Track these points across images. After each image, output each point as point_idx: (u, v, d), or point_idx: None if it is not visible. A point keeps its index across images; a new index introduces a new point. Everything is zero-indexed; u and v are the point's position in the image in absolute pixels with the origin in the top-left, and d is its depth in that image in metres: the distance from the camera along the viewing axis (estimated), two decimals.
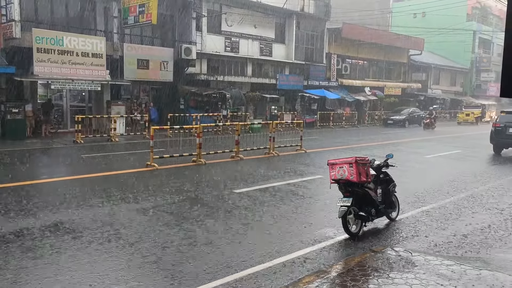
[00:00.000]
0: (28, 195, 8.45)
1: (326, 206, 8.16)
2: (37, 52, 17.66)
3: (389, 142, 20.02)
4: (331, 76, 32.26)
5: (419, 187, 10.20)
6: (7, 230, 6.31)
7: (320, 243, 6.18)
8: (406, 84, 39.52)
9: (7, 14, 16.88)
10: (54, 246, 5.73)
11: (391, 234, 6.78)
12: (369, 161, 6.82)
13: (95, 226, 6.63)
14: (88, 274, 4.90)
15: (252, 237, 6.34)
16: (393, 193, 7.32)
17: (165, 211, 7.60)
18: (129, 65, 21.07)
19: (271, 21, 28.70)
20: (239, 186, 9.71)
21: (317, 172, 11.63)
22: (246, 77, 27.25)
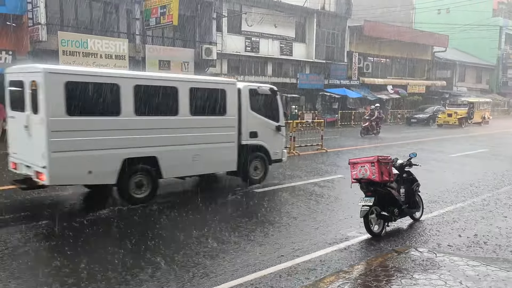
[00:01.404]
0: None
1: (348, 205, 8.08)
2: (62, 55, 18.04)
3: (413, 141, 19.68)
4: (352, 75, 31.91)
5: (444, 186, 10.00)
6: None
7: (341, 243, 6.13)
8: (430, 81, 38.76)
9: (33, 17, 17.29)
10: None
11: (414, 234, 6.67)
12: (392, 160, 6.72)
13: (119, 221, 6.73)
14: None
15: (272, 237, 6.33)
16: (416, 192, 7.20)
17: (179, 210, 7.66)
18: (151, 66, 21.31)
19: (292, 20, 28.58)
20: (259, 185, 9.70)
21: (338, 172, 11.53)
22: (266, 76, 27.20)
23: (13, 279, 4.77)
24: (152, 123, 7.92)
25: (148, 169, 7.92)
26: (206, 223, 6.87)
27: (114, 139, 7.44)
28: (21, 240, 5.98)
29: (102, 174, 7.45)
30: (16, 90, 7.70)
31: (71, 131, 7.02)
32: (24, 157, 7.55)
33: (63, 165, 6.97)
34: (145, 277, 4.88)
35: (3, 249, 5.61)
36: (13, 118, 7.97)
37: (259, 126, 9.80)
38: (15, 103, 7.89)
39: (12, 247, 5.69)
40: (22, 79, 7.52)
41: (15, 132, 7.87)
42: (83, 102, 7.14)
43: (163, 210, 7.62)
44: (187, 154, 8.43)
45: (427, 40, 36.78)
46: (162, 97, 8.07)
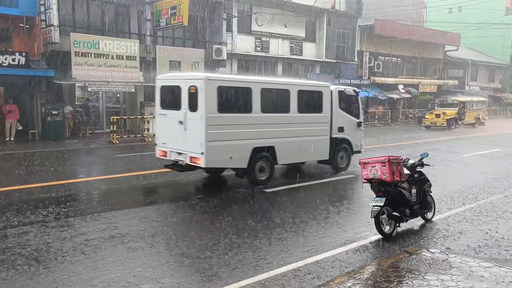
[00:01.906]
0: (72, 193, 8.76)
1: (359, 206, 8.05)
2: (75, 56, 18.24)
3: (424, 141, 19.52)
4: (363, 74, 31.74)
5: (456, 187, 9.91)
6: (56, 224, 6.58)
7: (352, 243, 6.11)
8: (442, 81, 38.39)
9: (46, 19, 17.52)
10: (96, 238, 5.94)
11: (426, 235, 6.62)
12: (403, 160, 6.68)
13: (133, 221, 6.80)
14: (126, 269, 5.04)
15: (283, 237, 6.33)
16: (428, 193, 7.14)
17: (197, 210, 7.70)
18: (161, 67, 21.43)
19: (302, 20, 28.53)
20: (270, 185, 9.71)
21: (349, 172, 11.48)
22: (276, 76, 27.16)
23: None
24: (272, 119, 9.77)
25: (268, 156, 9.75)
26: (211, 224, 6.89)
27: (247, 132, 9.38)
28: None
29: (239, 160, 9.29)
30: (170, 93, 9.64)
31: (220, 125, 8.90)
32: (177, 146, 9.39)
33: (214, 152, 8.83)
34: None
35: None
36: (164, 115, 9.83)
37: (345, 122, 11.53)
38: (166, 102, 9.81)
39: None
40: (179, 84, 9.36)
41: (166, 126, 9.74)
42: (228, 102, 9.02)
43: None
44: (295, 145, 10.24)
45: (439, 39, 36.43)
46: (279, 98, 10.01)
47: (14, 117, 17.13)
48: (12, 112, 17.03)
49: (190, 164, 9.09)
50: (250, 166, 9.41)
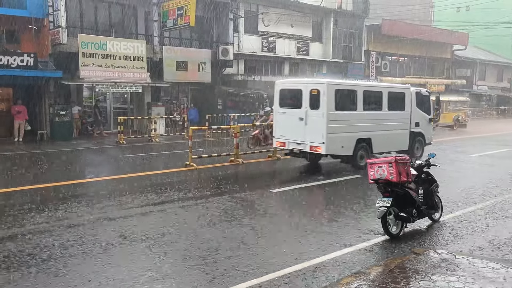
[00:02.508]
0: (79, 193, 8.82)
1: (365, 206, 8.03)
2: (82, 57, 18.37)
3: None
4: (370, 74, 31.62)
5: (463, 187, 9.85)
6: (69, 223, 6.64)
7: (359, 244, 6.10)
8: (450, 80, 38.13)
9: (54, 21, 17.65)
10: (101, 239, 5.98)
11: (433, 235, 6.59)
12: (410, 160, 6.66)
13: (137, 223, 6.84)
14: (130, 270, 5.07)
15: (289, 237, 6.33)
16: (435, 193, 7.11)
17: (203, 210, 7.72)
18: (168, 67, 21.52)
19: (308, 20, 28.49)
20: (276, 185, 9.72)
21: (356, 172, 11.45)
22: (283, 76, 27.15)
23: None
24: (370, 116, 11.81)
25: (366, 146, 11.73)
26: (218, 224, 6.90)
27: (353, 126, 11.35)
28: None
29: (347, 148, 11.30)
30: (289, 95, 11.88)
31: (336, 120, 10.92)
32: (296, 138, 11.50)
33: (332, 142, 10.88)
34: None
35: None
36: (283, 113, 11.92)
37: (420, 118, 13.52)
38: (285, 102, 11.94)
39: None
40: (300, 87, 11.48)
41: (285, 121, 11.84)
42: (341, 102, 11.11)
43: None
44: (385, 137, 12.19)
45: (447, 38, 36.20)
46: (375, 98, 12.00)
47: (22, 118, 17.28)
48: (21, 112, 17.19)
49: (310, 152, 11.28)
50: (354, 154, 11.46)
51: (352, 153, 11.45)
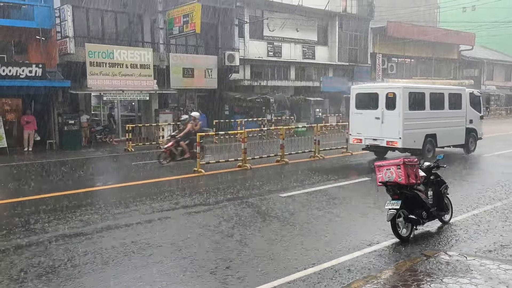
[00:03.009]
0: (90, 201, 8.89)
1: (374, 209, 7.98)
2: (90, 66, 18.55)
3: None
4: (376, 76, 31.55)
5: (474, 188, 9.76)
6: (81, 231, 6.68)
7: (369, 247, 6.06)
8: (457, 81, 37.85)
9: (61, 31, 17.87)
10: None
11: (444, 237, 6.53)
12: (418, 162, 6.62)
13: (147, 229, 6.87)
14: (143, 276, 5.09)
15: (299, 242, 6.31)
16: (445, 195, 7.05)
17: (212, 216, 7.73)
18: (175, 74, 21.65)
19: (313, 24, 28.52)
20: (285, 190, 9.71)
21: (364, 174, 11.41)
22: (289, 81, 27.22)
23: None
24: (435, 114, 13.63)
25: (432, 141, 13.66)
26: (228, 230, 6.91)
27: (423, 123, 13.25)
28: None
29: (418, 143, 13.20)
30: (365, 98, 13.88)
31: (410, 118, 12.85)
32: (372, 135, 13.47)
33: (407, 137, 12.80)
34: None
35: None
36: (360, 114, 13.87)
37: (473, 115, 15.27)
38: (361, 104, 13.90)
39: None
40: (376, 91, 13.53)
41: (361, 121, 13.71)
42: (414, 103, 13.09)
43: None
44: (446, 132, 14.01)
45: (453, 38, 36.05)
46: (438, 99, 13.92)
47: (32, 128, 17.46)
48: (30, 123, 17.37)
49: (386, 146, 13.20)
50: (422, 147, 13.32)
51: (421, 146, 13.33)
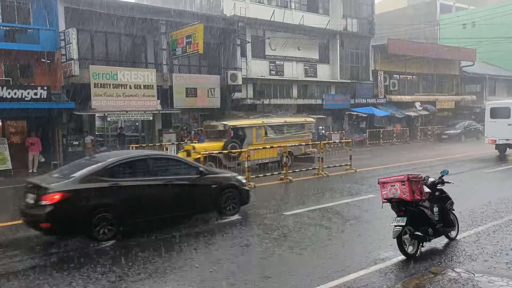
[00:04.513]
0: None
1: (380, 226, 7.92)
2: (94, 87, 18.75)
3: (444, 158, 19.21)
4: (378, 93, 31.68)
5: (479, 204, 9.68)
6: None
7: (375, 265, 6.00)
8: (460, 97, 37.96)
9: (66, 53, 18.12)
10: None
11: (451, 254, 6.46)
12: (422, 178, 6.59)
13: (154, 247, 6.84)
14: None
15: (304, 261, 6.26)
16: (451, 211, 7.00)
17: (214, 234, 7.69)
18: (178, 94, 21.82)
19: (315, 43, 28.82)
20: (289, 208, 9.66)
21: (369, 191, 11.36)
22: (292, 99, 27.36)
23: None
24: None
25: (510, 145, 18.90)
26: (230, 250, 6.86)
27: (506, 130, 18.73)
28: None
29: None
30: (499, 110, 19.20)
31: None
32: (504, 136, 18.56)
33: None
34: None
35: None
36: (494, 122, 19.09)
37: None
38: (495, 115, 19.26)
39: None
40: (508, 106, 18.96)
41: (495, 127, 18.91)
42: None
43: None
44: None
45: (454, 55, 36.26)
46: None
47: (37, 149, 17.56)
48: (34, 144, 17.47)
49: None
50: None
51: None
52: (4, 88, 16.20)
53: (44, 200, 7.00)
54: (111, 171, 7.64)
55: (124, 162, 7.95)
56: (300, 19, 27.22)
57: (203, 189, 8.65)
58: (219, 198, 8.81)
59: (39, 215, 7.05)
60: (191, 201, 8.46)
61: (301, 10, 27.99)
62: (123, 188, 7.62)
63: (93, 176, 7.43)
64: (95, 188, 7.33)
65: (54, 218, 7.00)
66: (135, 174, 7.99)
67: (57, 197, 6.98)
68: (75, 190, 7.20)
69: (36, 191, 7.29)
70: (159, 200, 8.00)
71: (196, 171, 8.69)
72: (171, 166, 8.62)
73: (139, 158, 8.27)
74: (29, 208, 7.39)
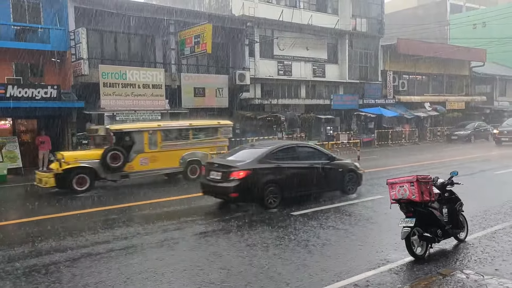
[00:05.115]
0: (105, 219, 8.94)
1: (388, 227, 7.88)
2: (103, 87, 18.86)
3: (454, 159, 19.05)
4: (387, 94, 31.50)
5: (489, 205, 9.58)
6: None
7: (383, 266, 5.96)
8: (470, 97, 37.64)
9: (76, 53, 18.26)
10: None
11: (460, 256, 6.40)
12: (432, 179, 6.54)
13: (166, 246, 6.87)
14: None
15: (311, 261, 6.24)
16: (460, 212, 6.94)
17: (223, 234, 7.70)
18: (186, 94, 21.89)
19: (323, 42, 28.74)
20: (296, 208, 9.64)
21: (377, 192, 11.29)
22: (300, 99, 27.31)
23: None
24: None
25: None
26: (241, 250, 6.87)
27: None
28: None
29: None
30: None
31: None
32: None
33: None
34: None
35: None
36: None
37: None
38: None
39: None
40: None
41: None
42: None
43: None
44: None
45: (464, 55, 35.96)
46: None
47: (46, 148, 17.69)
48: (44, 143, 17.61)
49: None
50: None
51: None
52: (15, 87, 16.36)
53: (232, 176, 9.32)
54: (275, 155, 9.91)
55: (281, 148, 10.21)
56: (308, 19, 27.15)
57: (333, 172, 10.68)
58: (343, 180, 10.86)
59: (229, 187, 9.34)
60: (325, 180, 10.54)
61: (310, 10, 27.91)
62: (283, 168, 9.81)
63: (264, 159, 9.71)
64: (266, 168, 9.62)
65: (240, 190, 9.26)
66: (288, 158, 10.16)
67: (242, 174, 9.29)
68: (254, 169, 9.48)
69: (222, 169, 9.60)
70: (305, 179, 10.08)
71: (327, 157, 10.80)
72: (310, 153, 10.72)
73: (289, 146, 10.64)
74: (215, 182, 9.73)
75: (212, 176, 9.92)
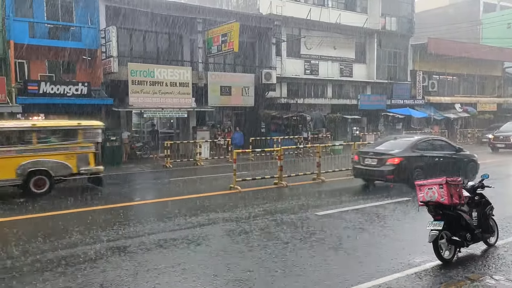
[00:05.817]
0: (130, 215, 9.11)
1: (415, 229, 7.72)
2: (132, 84, 19.22)
3: (487, 162, 18.47)
4: (416, 94, 30.89)
5: None
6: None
7: (410, 269, 5.85)
8: (502, 99, 36.51)
9: (106, 51, 18.68)
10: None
11: (489, 261, 6.22)
12: (461, 181, 6.37)
13: (181, 245, 6.94)
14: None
15: (337, 262, 6.18)
16: (490, 216, 6.74)
17: (248, 233, 7.72)
18: (212, 92, 22.05)
19: (351, 42, 28.42)
20: (321, 208, 9.58)
21: (404, 194, 11.09)
22: (326, 98, 27.11)
23: None
24: None
25: None
26: (265, 249, 6.87)
27: None
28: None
29: None
30: None
31: None
32: None
33: None
34: None
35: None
36: None
37: None
38: None
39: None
40: None
41: None
42: None
43: None
44: None
45: (496, 55, 34.90)
46: None
47: None
48: None
49: None
50: None
51: None
52: (47, 83, 16.88)
53: (389, 162, 11.56)
54: (418, 145, 12.13)
55: (421, 141, 12.47)
56: (337, 17, 26.91)
57: (459, 161, 12.59)
58: (467, 167, 12.69)
59: (386, 171, 11.55)
60: (454, 167, 12.00)
61: (338, 9, 27.67)
62: (425, 157, 11.88)
63: (411, 149, 11.90)
64: (414, 156, 11.75)
65: (395, 172, 11.43)
66: (428, 149, 12.21)
67: (396, 161, 11.48)
68: (406, 156, 11.64)
69: (378, 156, 11.87)
70: (439, 167, 11.60)
71: (455, 148, 12.84)
72: (442, 145, 12.83)
73: (427, 139, 12.89)
74: (371, 167, 12.02)
75: (367, 162, 12.13)
